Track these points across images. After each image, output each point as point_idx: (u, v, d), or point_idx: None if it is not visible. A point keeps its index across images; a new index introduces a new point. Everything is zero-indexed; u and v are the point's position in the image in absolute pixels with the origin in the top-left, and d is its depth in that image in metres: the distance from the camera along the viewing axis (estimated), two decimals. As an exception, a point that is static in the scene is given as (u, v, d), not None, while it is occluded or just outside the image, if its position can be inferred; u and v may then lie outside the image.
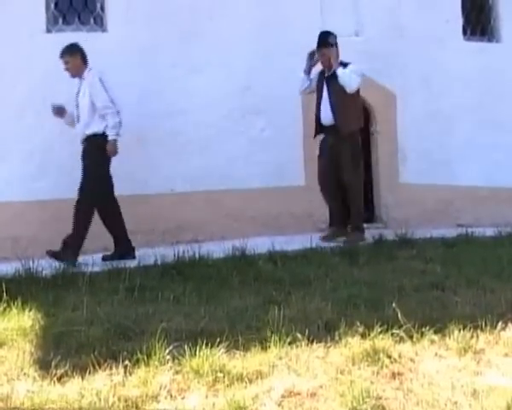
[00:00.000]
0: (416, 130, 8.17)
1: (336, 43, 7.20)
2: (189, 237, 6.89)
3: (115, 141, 6.53)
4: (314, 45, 7.23)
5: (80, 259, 6.27)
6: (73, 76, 6.65)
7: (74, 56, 6.59)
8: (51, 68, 7.00)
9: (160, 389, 3.58)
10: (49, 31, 7.15)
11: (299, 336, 4.05)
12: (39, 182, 6.92)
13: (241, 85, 7.70)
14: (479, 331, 4.16)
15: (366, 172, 8.00)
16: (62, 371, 3.72)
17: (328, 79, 7.20)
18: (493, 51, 8.89)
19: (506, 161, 8.59)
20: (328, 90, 7.20)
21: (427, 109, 7.73)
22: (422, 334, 4.12)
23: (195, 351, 3.83)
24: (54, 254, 6.29)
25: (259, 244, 6.59)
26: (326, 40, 7.18)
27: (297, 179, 7.78)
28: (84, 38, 7.17)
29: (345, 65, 7.13)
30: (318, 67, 7.35)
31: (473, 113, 8.58)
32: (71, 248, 6.38)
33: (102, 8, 7.34)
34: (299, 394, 3.54)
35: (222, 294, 5.12)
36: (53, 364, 3.76)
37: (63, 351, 3.96)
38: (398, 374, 3.73)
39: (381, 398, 3.49)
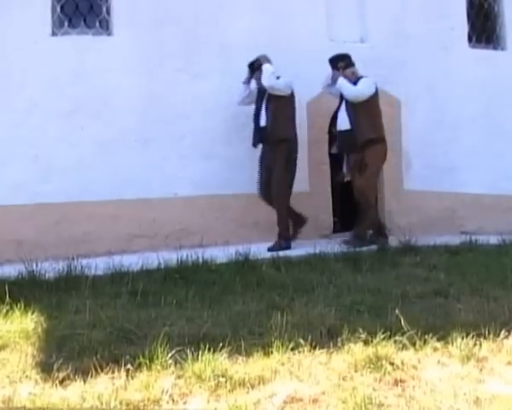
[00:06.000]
0: (421, 137, 8.16)
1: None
2: (193, 241, 6.88)
3: None
4: (317, 50, 7.23)
5: (84, 262, 6.23)
6: None
7: None
8: (57, 71, 7.03)
9: (162, 393, 3.57)
10: (54, 34, 7.15)
11: (301, 341, 4.04)
12: (44, 185, 6.92)
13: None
14: (482, 339, 4.14)
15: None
16: (64, 374, 3.72)
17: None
18: (499, 59, 8.88)
19: (510, 170, 8.58)
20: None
21: (432, 116, 7.72)
22: (425, 341, 4.11)
23: (198, 356, 3.83)
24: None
25: (263, 249, 6.60)
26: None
27: (301, 185, 7.76)
28: (89, 41, 7.21)
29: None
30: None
31: (477, 120, 8.57)
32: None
33: (108, 12, 7.35)
34: (301, 400, 3.53)
35: (225, 299, 5.12)
36: (55, 367, 3.76)
37: (65, 354, 3.96)
38: (401, 381, 3.72)
39: (383, 405, 3.48)
